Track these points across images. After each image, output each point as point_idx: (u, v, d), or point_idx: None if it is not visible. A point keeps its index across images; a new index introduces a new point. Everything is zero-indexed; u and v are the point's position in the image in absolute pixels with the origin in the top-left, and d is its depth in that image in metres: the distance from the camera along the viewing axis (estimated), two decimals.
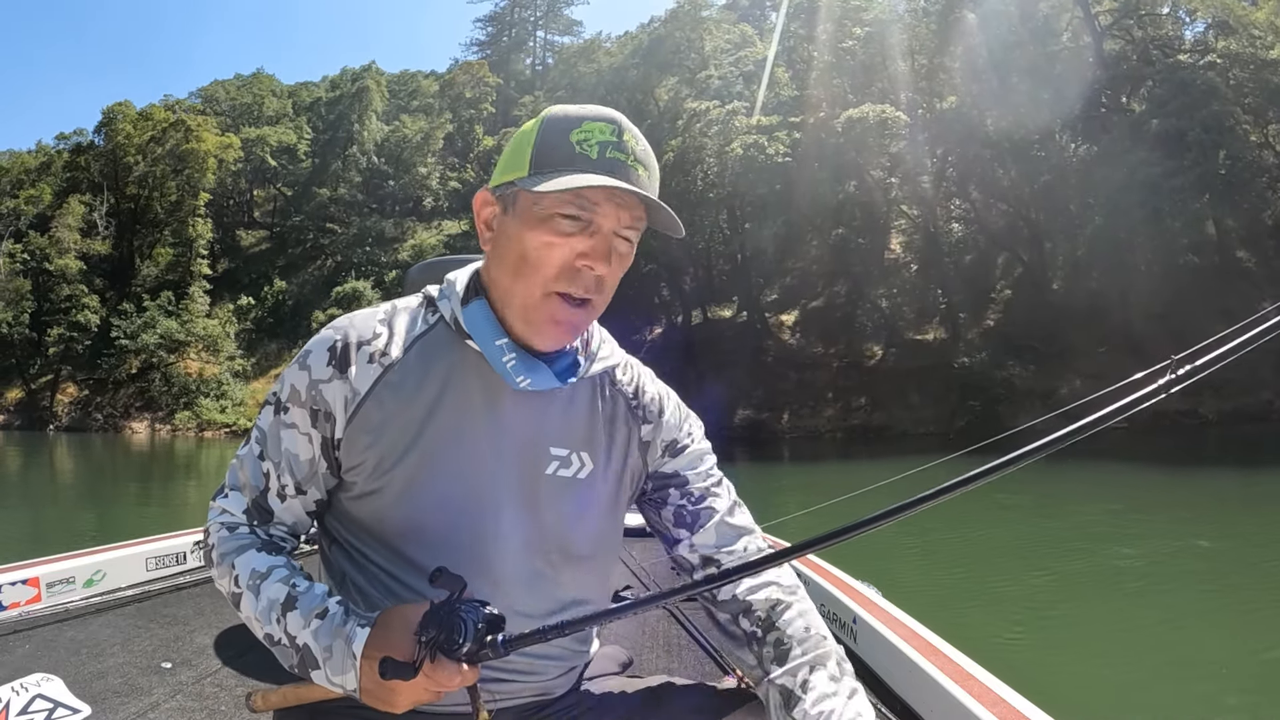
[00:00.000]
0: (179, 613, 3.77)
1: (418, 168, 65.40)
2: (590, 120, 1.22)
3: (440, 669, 1.07)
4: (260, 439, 1.32)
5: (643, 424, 1.43)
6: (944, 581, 9.14)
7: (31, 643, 3.27)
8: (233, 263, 66.50)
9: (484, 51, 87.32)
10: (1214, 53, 35.10)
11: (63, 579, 3.74)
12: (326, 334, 1.31)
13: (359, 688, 1.14)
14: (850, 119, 36.19)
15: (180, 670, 3.08)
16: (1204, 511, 13.07)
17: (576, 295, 1.23)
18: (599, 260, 1.22)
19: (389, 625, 1.15)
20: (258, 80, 76.85)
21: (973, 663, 2.41)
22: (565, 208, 1.19)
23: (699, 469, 1.46)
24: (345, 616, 1.18)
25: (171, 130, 60.25)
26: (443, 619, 1.07)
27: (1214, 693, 5.51)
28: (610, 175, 1.19)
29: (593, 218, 1.21)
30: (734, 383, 38.73)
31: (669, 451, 1.44)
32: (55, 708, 2.66)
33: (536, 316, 1.24)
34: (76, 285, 56.50)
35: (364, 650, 1.14)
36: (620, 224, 1.23)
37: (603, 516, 1.39)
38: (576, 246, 1.21)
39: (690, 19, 48.44)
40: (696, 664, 3.11)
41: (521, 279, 1.24)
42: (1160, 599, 8.17)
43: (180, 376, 53.05)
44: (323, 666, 1.17)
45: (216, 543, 1.32)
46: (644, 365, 1.51)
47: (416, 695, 1.11)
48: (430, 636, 1.07)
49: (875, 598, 3.20)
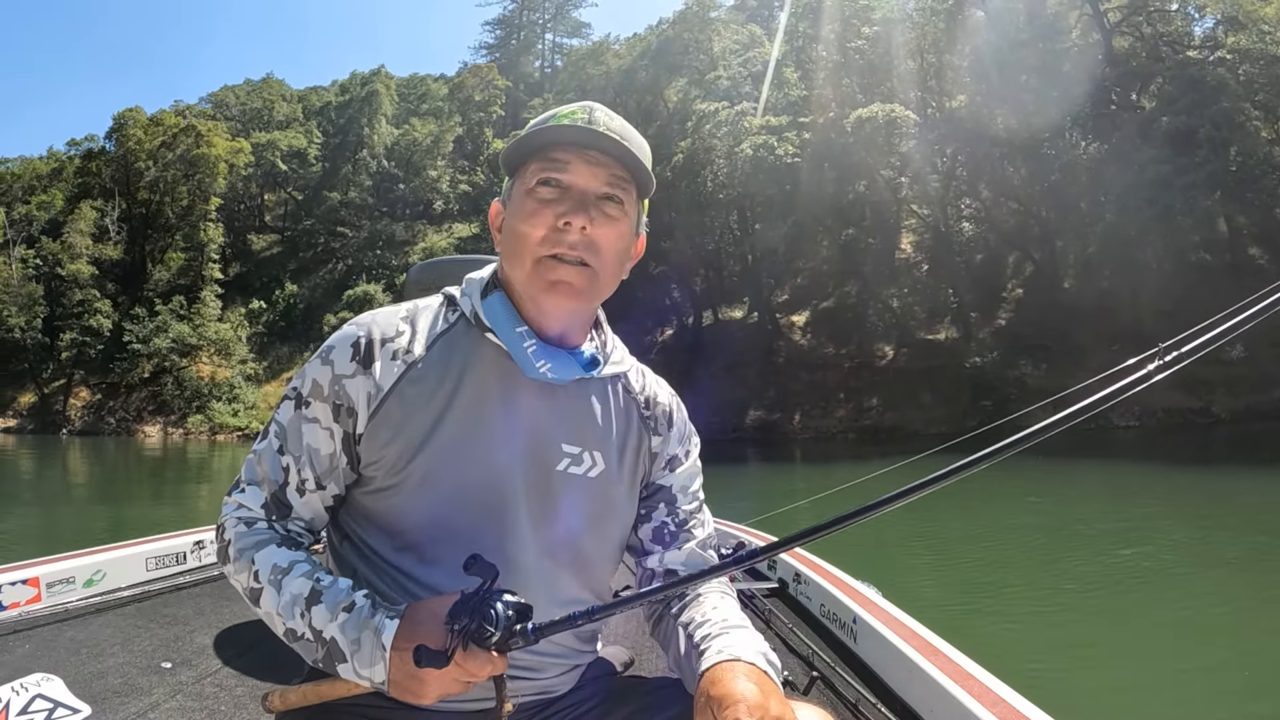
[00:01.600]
0: (179, 613, 3.78)
1: (428, 171, 65.57)
2: (567, 109, 1.32)
3: (472, 658, 1.08)
4: (280, 433, 1.33)
5: (653, 435, 1.46)
6: (945, 581, 9.10)
7: (31, 643, 3.27)
8: (244, 267, 66.73)
9: (493, 54, 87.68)
10: (1224, 48, 34.90)
11: (63, 579, 3.76)
12: (350, 330, 1.33)
13: (387, 679, 1.15)
14: (859, 118, 36.06)
15: (180, 670, 3.09)
16: (1213, 510, 12.99)
17: (567, 256, 1.27)
18: (576, 214, 1.26)
19: (418, 617, 1.16)
20: (267, 85, 77.20)
21: (973, 663, 2.42)
22: (539, 175, 1.28)
23: (689, 489, 1.50)
24: (373, 609, 1.19)
25: (182, 135, 60.58)
26: (474, 608, 1.08)
27: (1216, 693, 5.46)
28: (574, 136, 1.28)
29: (565, 178, 1.28)
30: (745, 383, 38.75)
31: (669, 465, 1.48)
32: (55, 708, 2.67)
33: (535, 287, 1.29)
34: (89, 290, 56.81)
35: (393, 642, 1.14)
36: (598, 181, 1.29)
37: (612, 518, 1.42)
38: (556, 209, 1.27)
39: (698, 20, 48.39)
40: None
41: (517, 255, 1.30)
42: (1164, 599, 8.12)
43: (192, 380, 53.34)
44: (350, 660, 1.17)
45: (234, 538, 1.31)
46: (655, 373, 1.55)
47: (446, 686, 1.12)
48: (463, 625, 1.08)
49: (875, 598, 3.20)
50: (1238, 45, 34.29)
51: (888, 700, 2.60)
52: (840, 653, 3.08)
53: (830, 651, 3.05)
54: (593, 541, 1.39)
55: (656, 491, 1.47)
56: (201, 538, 4.59)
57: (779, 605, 3.74)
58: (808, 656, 3.08)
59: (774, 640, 3.28)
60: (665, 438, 1.47)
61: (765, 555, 1.17)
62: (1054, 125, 36.08)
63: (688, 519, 1.47)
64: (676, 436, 1.49)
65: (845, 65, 40.87)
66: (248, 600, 1.29)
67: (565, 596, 1.36)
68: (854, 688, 2.67)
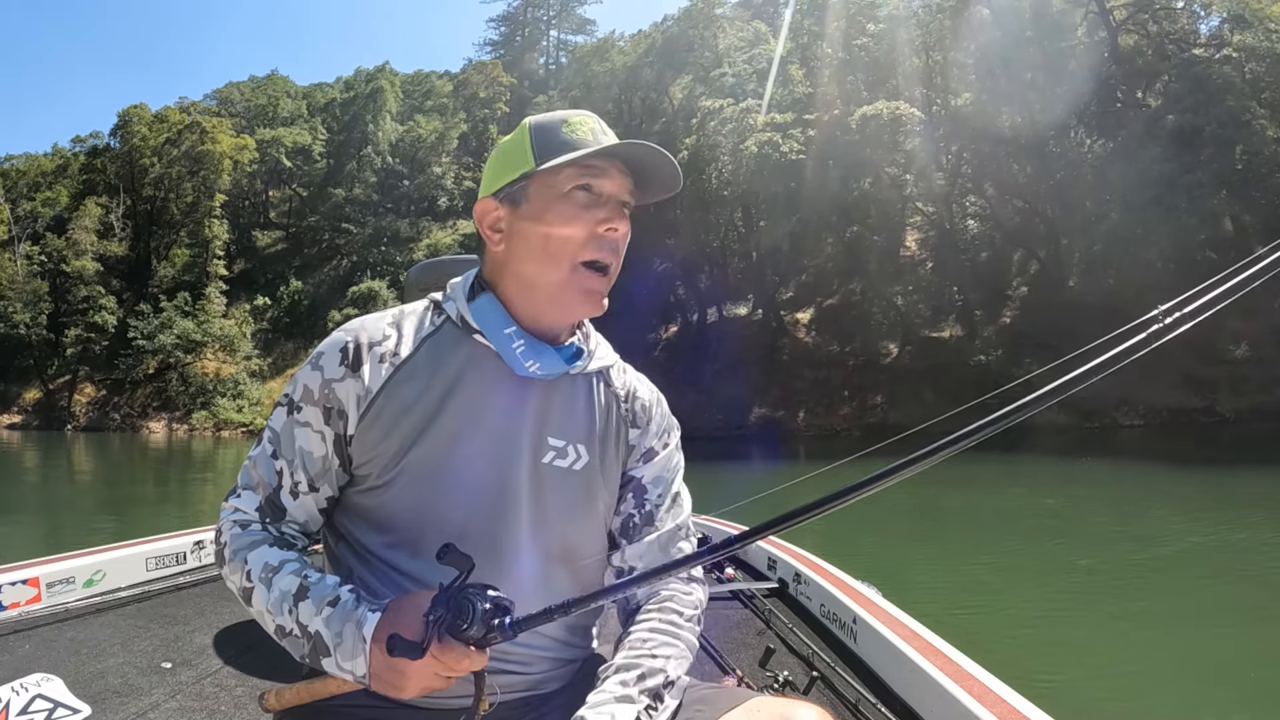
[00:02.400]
0: (179, 613, 3.78)
1: (432, 168, 65.60)
2: (573, 116, 1.36)
3: (448, 650, 1.10)
4: (273, 439, 1.36)
5: (631, 428, 1.49)
6: (946, 581, 9.10)
7: (31, 643, 3.28)
8: (249, 263, 66.78)
9: (497, 51, 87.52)
10: (1230, 46, 34.73)
11: (63, 579, 3.76)
12: (338, 336, 1.37)
13: (368, 672, 1.17)
14: (864, 116, 35.95)
15: (180, 670, 3.09)
16: (1218, 510, 12.94)
17: (603, 261, 1.34)
18: (620, 221, 1.34)
19: (399, 609, 1.18)
20: (272, 82, 77.01)
21: (973, 663, 2.43)
22: (578, 180, 1.31)
23: (663, 479, 1.52)
24: (356, 603, 1.22)
25: (187, 132, 60.70)
26: (450, 599, 1.09)
27: (1218, 694, 5.46)
28: (625, 151, 1.33)
29: (602, 187, 1.33)
30: (749, 381, 38.70)
31: (645, 458, 1.50)
32: (55, 708, 2.67)
33: (568, 292, 1.34)
34: (94, 286, 57.01)
35: (373, 634, 1.16)
36: (623, 190, 1.35)
37: (596, 510, 1.44)
38: (596, 215, 1.32)
39: (703, 16, 48.30)
40: (696, 664, 3.08)
41: (549, 260, 1.33)
42: (1166, 599, 8.12)
43: (197, 376, 53.44)
44: (334, 653, 1.19)
45: (229, 540, 1.35)
46: (649, 371, 1.58)
47: (425, 679, 1.13)
48: (438, 616, 1.09)
49: (875, 598, 3.19)
50: (1244, 43, 34.14)
51: (888, 700, 2.60)
52: (840, 653, 3.08)
53: (830, 651, 3.05)
54: (579, 533, 1.42)
55: (628, 483, 1.50)
56: (201, 538, 4.60)
57: (779, 605, 3.74)
58: (808, 656, 3.08)
59: (774, 640, 3.28)
60: (644, 430, 1.50)
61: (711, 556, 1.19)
62: (1059, 123, 36.00)
63: (654, 511, 1.49)
64: (655, 430, 1.52)
65: (851, 62, 40.77)
66: (241, 600, 1.32)
67: (555, 589, 1.38)
68: (854, 688, 2.68)
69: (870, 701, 2.57)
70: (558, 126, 1.34)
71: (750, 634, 3.45)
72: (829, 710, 1.25)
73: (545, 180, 1.32)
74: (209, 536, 4.58)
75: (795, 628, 3.36)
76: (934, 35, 39.72)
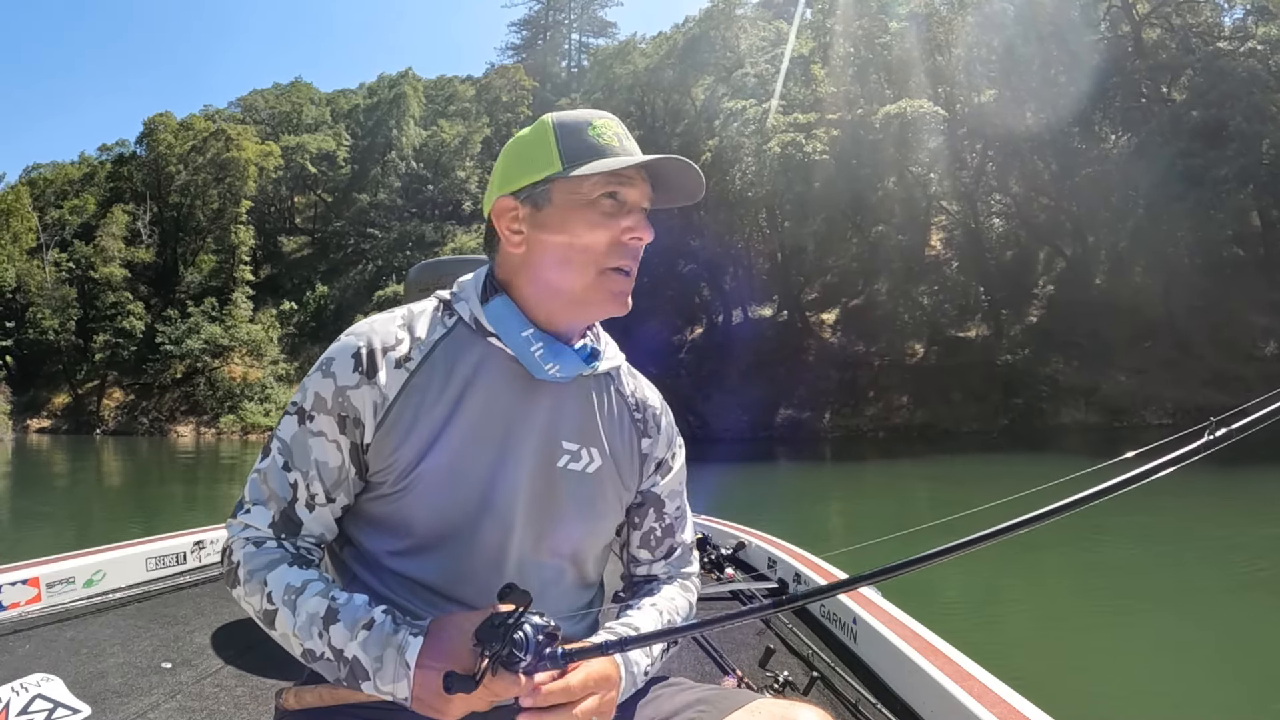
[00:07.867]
0: (179, 613, 3.79)
1: (456, 172, 65.93)
2: (596, 119, 1.33)
3: (500, 681, 1.09)
4: (283, 450, 1.31)
5: (643, 436, 1.49)
6: (947, 580, 9.02)
7: (31, 643, 3.28)
8: (275, 268, 67.38)
9: (519, 55, 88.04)
10: (1254, 39, 34.32)
11: (63, 579, 3.77)
12: (348, 341, 1.32)
13: (410, 696, 1.15)
14: (888, 115, 35.87)
15: (180, 670, 3.09)
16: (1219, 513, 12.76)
17: (627, 267, 1.33)
18: (645, 230, 1.33)
19: (442, 634, 1.16)
20: (296, 88, 77.79)
21: (973, 663, 2.41)
22: (605, 188, 1.29)
23: (676, 491, 1.56)
24: (395, 626, 1.19)
25: (212, 140, 61.43)
26: (505, 634, 1.08)
27: (1219, 694, 5.40)
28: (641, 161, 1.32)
29: (627, 195, 1.31)
30: (775, 382, 38.65)
31: (660, 470, 1.52)
32: (55, 708, 2.67)
33: (594, 295, 1.32)
34: (121, 292, 57.75)
35: (418, 659, 1.14)
36: (645, 197, 1.34)
37: (607, 513, 1.44)
38: (621, 223, 1.31)
39: (724, 17, 48.24)
40: (696, 664, 3.11)
41: (573, 264, 1.31)
42: (1168, 598, 8.06)
43: (224, 381, 54.04)
44: (373, 678, 1.17)
45: (243, 559, 1.29)
46: (666, 374, 1.57)
47: (471, 705, 1.13)
48: (494, 651, 1.08)
49: (875, 598, 3.16)
50: (1268, 36, 33.77)
51: (888, 700, 2.57)
52: (840, 653, 3.05)
53: (830, 651, 3.03)
54: (589, 537, 1.42)
55: (647, 499, 1.51)
56: (201, 538, 4.61)
57: None
58: (808, 656, 3.06)
59: (774, 640, 3.26)
60: (655, 440, 1.50)
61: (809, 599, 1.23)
62: (1083, 119, 35.82)
63: (674, 524, 1.54)
64: (665, 440, 1.52)
65: (873, 61, 40.69)
66: (261, 623, 1.28)
67: (563, 591, 1.40)
68: (854, 688, 2.65)
69: (870, 702, 2.54)
70: (583, 128, 1.31)
71: (750, 634, 3.43)
72: (829, 711, 1.24)
73: (571, 185, 1.29)
74: (209, 536, 4.61)
75: (795, 628, 3.34)
76: (956, 32, 39.56)
